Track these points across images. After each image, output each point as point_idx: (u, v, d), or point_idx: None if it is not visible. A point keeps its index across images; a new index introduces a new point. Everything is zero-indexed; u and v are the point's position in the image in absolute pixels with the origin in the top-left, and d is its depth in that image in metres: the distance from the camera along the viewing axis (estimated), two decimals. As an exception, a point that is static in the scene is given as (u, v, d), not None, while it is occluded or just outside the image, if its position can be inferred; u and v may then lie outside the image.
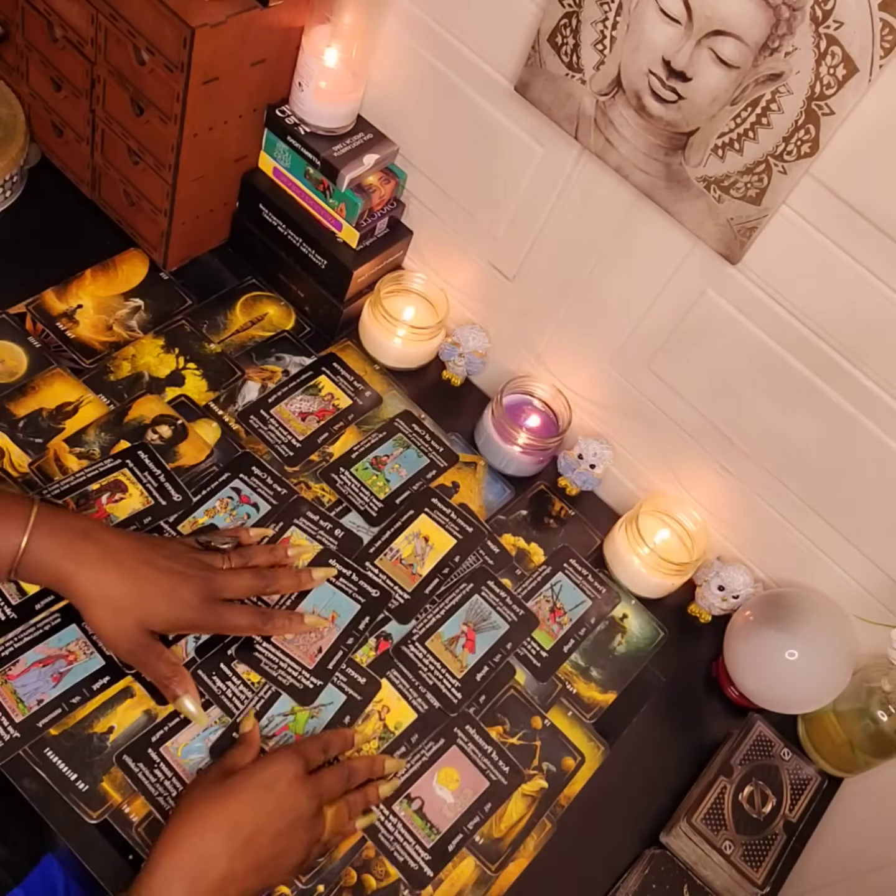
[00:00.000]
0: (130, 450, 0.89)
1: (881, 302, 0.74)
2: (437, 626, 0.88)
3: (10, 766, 0.72)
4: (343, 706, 0.81)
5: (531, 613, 0.91)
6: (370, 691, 0.83)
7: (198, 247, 1.05)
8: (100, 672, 0.77)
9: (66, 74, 0.94)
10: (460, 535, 0.94)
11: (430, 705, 0.83)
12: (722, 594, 0.96)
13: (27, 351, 0.92)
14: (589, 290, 0.94)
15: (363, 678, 0.83)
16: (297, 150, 0.96)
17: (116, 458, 0.88)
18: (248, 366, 0.99)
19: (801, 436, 0.86)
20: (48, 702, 0.75)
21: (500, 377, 1.04)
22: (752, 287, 0.81)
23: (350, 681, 0.82)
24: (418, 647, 0.86)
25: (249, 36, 0.86)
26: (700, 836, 0.82)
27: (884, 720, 0.86)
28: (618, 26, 0.75)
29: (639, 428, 0.99)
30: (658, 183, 0.80)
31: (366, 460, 0.97)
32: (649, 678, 0.94)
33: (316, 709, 0.80)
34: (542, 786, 0.84)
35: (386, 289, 1.02)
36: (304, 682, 0.81)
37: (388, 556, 0.91)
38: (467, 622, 0.89)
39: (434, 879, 0.77)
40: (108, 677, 0.77)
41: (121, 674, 0.78)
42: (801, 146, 0.71)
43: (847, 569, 0.91)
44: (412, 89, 0.95)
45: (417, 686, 0.84)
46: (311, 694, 0.81)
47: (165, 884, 0.63)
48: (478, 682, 0.86)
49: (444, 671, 0.85)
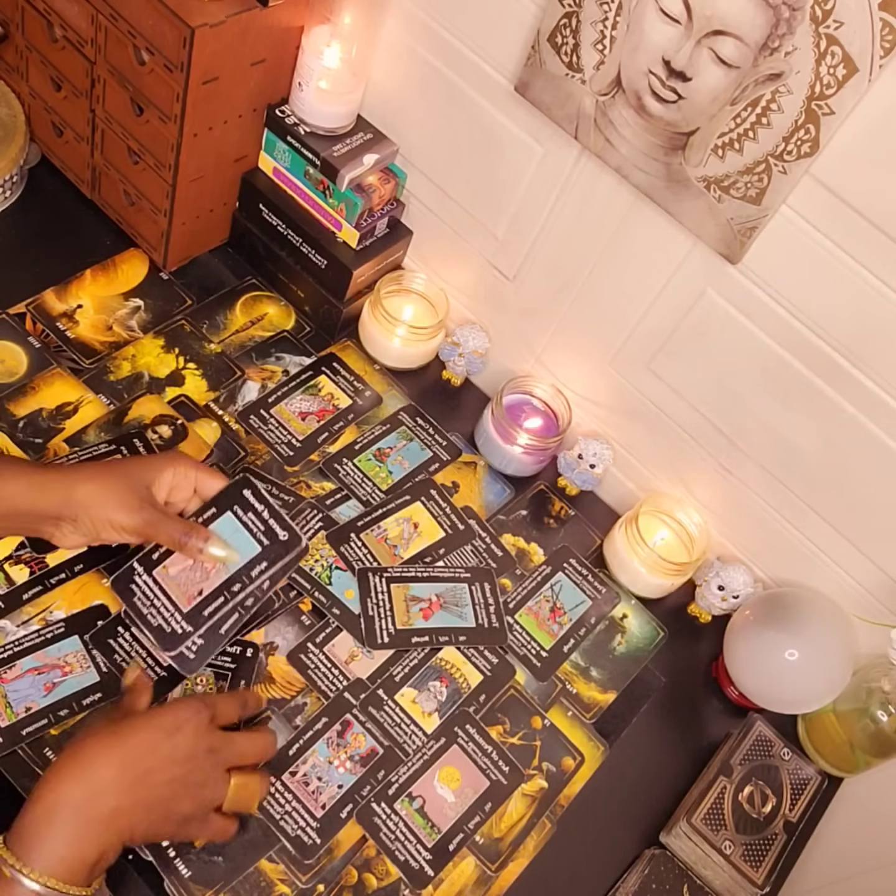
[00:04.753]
0: (126, 437, 0.89)
1: (881, 302, 0.74)
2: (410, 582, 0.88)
3: (10, 765, 0.72)
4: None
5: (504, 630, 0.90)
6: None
7: (198, 247, 1.05)
8: (92, 688, 0.77)
9: (66, 74, 0.94)
10: (451, 530, 0.94)
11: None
12: (722, 594, 0.96)
13: (27, 351, 0.92)
14: (589, 290, 0.94)
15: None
16: (297, 150, 0.96)
17: (111, 444, 0.88)
18: (248, 366, 0.99)
19: (801, 436, 0.86)
20: (36, 711, 0.75)
21: (500, 377, 1.04)
22: (752, 287, 0.81)
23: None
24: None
25: (249, 36, 0.86)
26: (700, 836, 0.82)
27: (884, 720, 0.86)
28: (618, 26, 0.75)
29: (639, 428, 0.99)
30: (658, 183, 0.80)
31: (369, 452, 0.97)
32: (649, 678, 0.94)
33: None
34: (542, 786, 0.84)
35: (386, 289, 1.02)
36: (172, 625, 0.75)
37: (375, 534, 0.91)
38: (441, 595, 0.89)
39: (434, 879, 0.77)
40: (100, 694, 0.77)
41: (114, 692, 0.77)
42: (801, 146, 0.71)
43: (847, 569, 0.91)
44: (412, 89, 0.95)
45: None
46: (175, 640, 0.74)
47: (49, 813, 0.60)
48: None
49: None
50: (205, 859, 0.72)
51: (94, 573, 0.82)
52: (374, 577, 0.88)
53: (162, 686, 0.78)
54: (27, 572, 0.80)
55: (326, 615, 0.85)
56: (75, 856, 0.60)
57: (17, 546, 0.81)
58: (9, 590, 0.79)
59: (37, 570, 0.81)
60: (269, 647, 0.83)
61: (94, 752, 0.63)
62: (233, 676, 0.79)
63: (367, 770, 0.79)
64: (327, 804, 0.77)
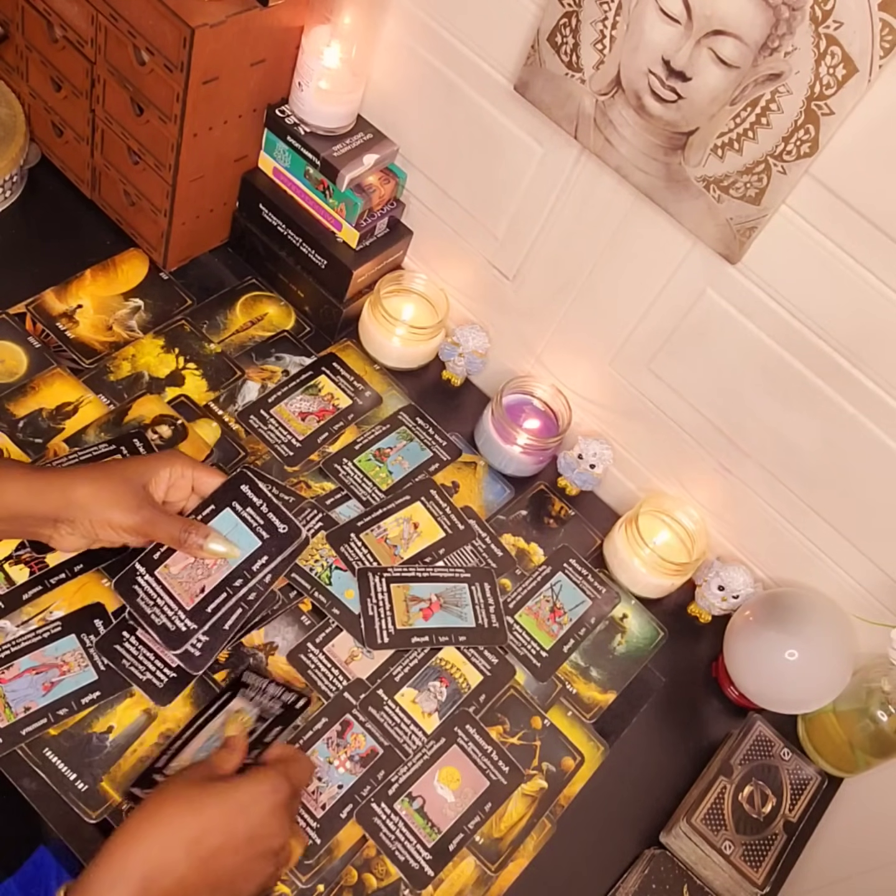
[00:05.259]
0: (126, 437, 0.89)
1: (881, 302, 0.74)
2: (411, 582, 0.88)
3: (10, 765, 0.73)
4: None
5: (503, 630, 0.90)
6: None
7: (198, 247, 1.05)
8: (91, 686, 0.77)
9: (66, 74, 0.94)
10: (451, 530, 0.94)
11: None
12: (722, 594, 0.96)
13: (27, 351, 0.92)
14: (589, 290, 0.94)
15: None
16: (297, 150, 0.96)
17: (111, 444, 0.88)
18: (247, 366, 0.99)
19: (800, 436, 0.86)
20: (35, 710, 0.75)
21: (500, 377, 1.04)
22: (751, 287, 0.81)
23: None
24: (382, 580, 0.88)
25: (249, 36, 0.86)
26: (700, 836, 0.82)
27: (884, 720, 0.86)
28: (617, 26, 0.75)
29: (639, 428, 0.99)
30: (658, 183, 0.80)
31: (369, 452, 0.97)
32: (649, 678, 0.94)
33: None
34: (541, 786, 0.84)
35: (386, 289, 1.02)
36: (177, 623, 0.75)
37: (375, 534, 0.91)
38: (440, 595, 0.89)
39: (434, 879, 0.77)
40: (99, 692, 0.77)
41: (112, 690, 0.77)
42: (801, 146, 0.71)
43: (847, 569, 0.91)
44: (412, 89, 0.95)
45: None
46: (179, 638, 0.74)
47: (117, 877, 0.59)
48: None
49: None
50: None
51: (94, 573, 0.82)
52: (374, 577, 0.88)
53: (174, 686, 0.77)
54: (27, 572, 0.80)
55: (326, 615, 0.85)
56: None
57: (17, 546, 0.81)
58: (9, 590, 0.79)
59: (37, 570, 0.81)
60: (269, 647, 0.83)
61: (170, 820, 0.61)
62: (272, 722, 0.76)
63: (367, 770, 0.79)
64: (327, 804, 0.77)
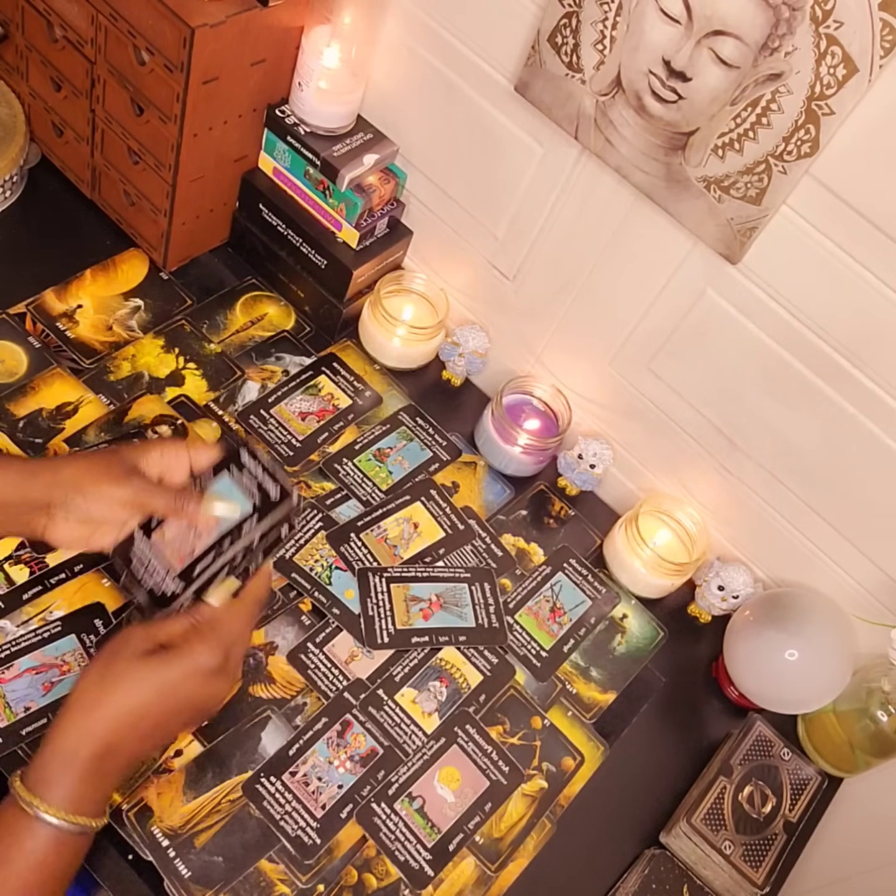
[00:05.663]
0: (126, 437, 0.89)
1: (881, 302, 0.74)
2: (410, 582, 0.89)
3: (10, 765, 0.72)
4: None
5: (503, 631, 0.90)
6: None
7: (198, 247, 1.05)
8: None
9: (66, 74, 0.94)
10: (451, 530, 0.94)
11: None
12: (722, 594, 0.96)
13: (27, 351, 0.92)
14: (589, 290, 0.94)
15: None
16: (297, 150, 0.96)
17: (111, 444, 0.87)
18: (247, 366, 0.99)
19: (801, 436, 0.86)
20: (35, 710, 0.75)
21: (500, 377, 1.04)
22: (752, 287, 0.81)
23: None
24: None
25: (249, 36, 0.86)
26: (700, 836, 0.82)
27: (884, 720, 0.86)
28: (618, 26, 0.75)
29: (639, 428, 0.99)
30: (658, 183, 0.80)
31: (369, 452, 0.97)
32: (649, 678, 0.94)
33: None
34: (541, 786, 0.84)
35: (386, 289, 1.02)
36: (166, 585, 0.72)
37: (375, 534, 0.91)
38: (440, 595, 0.89)
39: (434, 879, 0.77)
40: None
41: None
42: (801, 146, 0.71)
43: (847, 569, 0.91)
44: (412, 89, 0.95)
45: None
46: (167, 600, 0.72)
47: (66, 754, 0.62)
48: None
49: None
50: (205, 859, 0.72)
51: (94, 573, 0.82)
52: (374, 577, 0.88)
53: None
54: (27, 572, 0.80)
55: (326, 615, 0.85)
56: (89, 794, 0.63)
57: (17, 546, 0.81)
58: (9, 590, 0.79)
59: (37, 570, 0.81)
60: (269, 647, 0.83)
61: (121, 677, 0.64)
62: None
63: (367, 770, 0.79)
64: (327, 804, 0.77)
